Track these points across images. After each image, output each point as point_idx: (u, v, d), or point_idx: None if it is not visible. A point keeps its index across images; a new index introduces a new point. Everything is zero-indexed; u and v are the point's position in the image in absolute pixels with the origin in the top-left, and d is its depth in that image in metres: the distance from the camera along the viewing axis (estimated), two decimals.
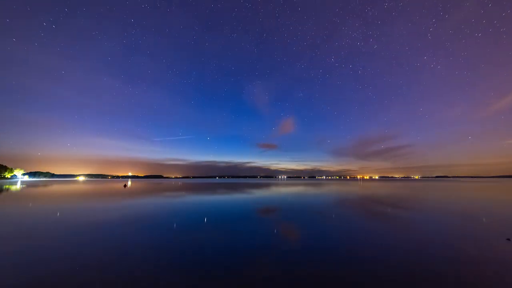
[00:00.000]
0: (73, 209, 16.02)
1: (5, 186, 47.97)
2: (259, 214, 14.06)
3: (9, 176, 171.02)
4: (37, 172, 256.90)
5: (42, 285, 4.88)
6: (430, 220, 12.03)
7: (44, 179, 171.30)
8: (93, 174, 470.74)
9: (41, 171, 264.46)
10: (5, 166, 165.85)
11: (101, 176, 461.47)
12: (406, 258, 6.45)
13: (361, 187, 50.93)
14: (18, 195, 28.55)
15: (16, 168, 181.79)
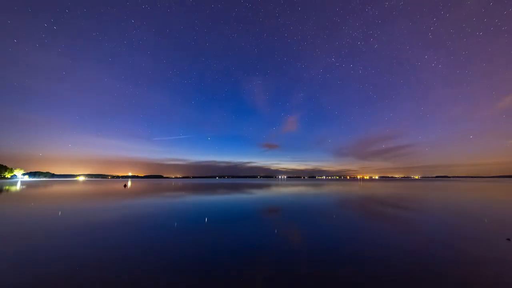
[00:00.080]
0: (73, 209, 16.03)
1: (6, 187, 47.98)
2: (258, 215, 14.07)
3: (9, 176, 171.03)
4: (37, 172, 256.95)
5: (43, 285, 4.88)
6: (430, 220, 12.03)
7: (44, 179, 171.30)
8: (93, 174, 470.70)
9: (41, 171, 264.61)
10: (5, 166, 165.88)
11: (101, 176, 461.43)
12: (406, 258, 6.45)
13: (361, 187, 50.96)
14: (18, 196, 28.55)
15: (16, 168, 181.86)
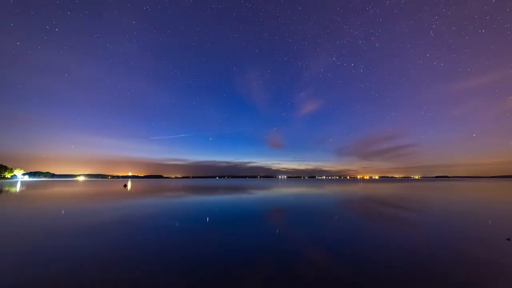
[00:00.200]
0: (73, 210, 16.03)
1: (6, 188, 48.02)
2: (257, 215, 14.07)
3: (9, 176, 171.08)
4: (37, 172, 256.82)
5: (43, 285, 4.88)
6: (430, 220, 12.03)
7: (44, 179, 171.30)
8: (93, 174, 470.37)
9: (41, 171, 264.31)
10: (5, 166, 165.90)
11: (101, 176, 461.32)
12: (406, 258, 6.45)
13: (361, 188, 50.97)
14: (18, 196, 28.56)
15: (16, 168, 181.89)
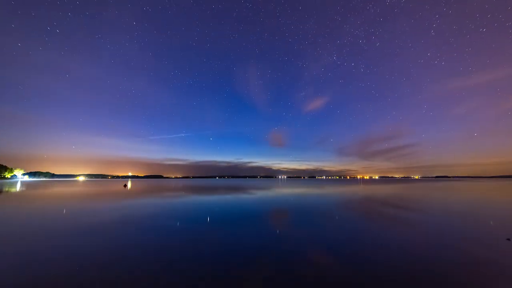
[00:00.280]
0: (73, 210, 16.03)
1: (5, 188, 48.03)
2: (257, 215, 14.07)
3: (9, 176, 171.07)
4: (37, 172, 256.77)
5: (43, 285, 4.88)
6: (430, 220, 12.03)
7: (44, 179, 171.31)
8: (93, 174, 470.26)
9: (41, 171, 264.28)
10: (5, 166, 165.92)
11: (101, 176, 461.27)
12: (406, 258, 6.45)
13: (361, 188, 50.96)
14: (18, 196, 28.56)
15: (16, 168, 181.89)
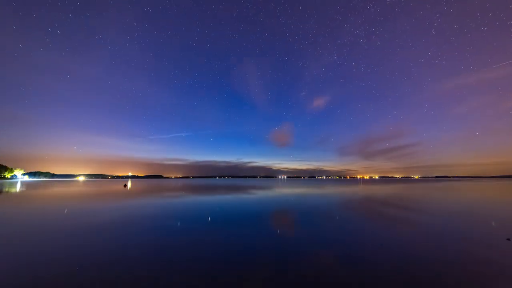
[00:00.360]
0: (73, 210, 16.03)
1: (5, 188, 48.02)
2: (257, 215, 14.07)
3: (9, 176, 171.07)
4: (37, 172, 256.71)
5: (43, 285, 4.88)
6: (430, 221, 12.03)
7: (44, 179, 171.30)
8: (93, 174, 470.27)
9: (41, 171, 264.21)
10: (5, 166, 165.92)
11: (101, 176, 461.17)
12: (406, 258, 6.44)
13: (361, 188, 50.93)
14: (18, 196, 28.56)
15: (16, 168, 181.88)
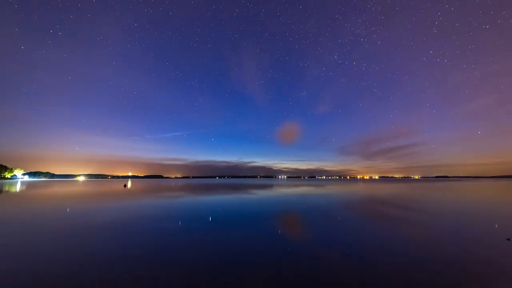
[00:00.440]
0: (73, 210, 16.02)
1: (5, 188, 48.01)
2: (257, 215, 14.07)
3: (9, 176, 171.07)
4: (37, 172, 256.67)
5: (43, 285, 4.88)
6: (430, 221, 12.02)
7: (44, 179, 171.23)
8: (93, 174, 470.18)
9: (41, 171, 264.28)
10: (5, 166, 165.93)
11: (101, 176, 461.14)
12: (406, 258, 6.44)
13: (360, 188, 50.89)
14: (18, 196, 28.56)
15: (16, 168, 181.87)
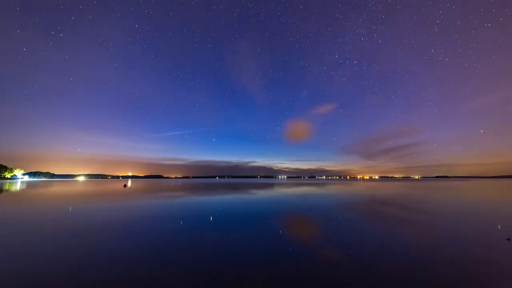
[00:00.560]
0: (73, 210, 16.02)
1: (5, 186, 47.90)
2: (257, 215, 14.06)
3: (9, 176, 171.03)
4: (37, 172, 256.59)
5: (43, 285, 4.88)
6: (430, 220, 12.02)
7: (44, 179, 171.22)
8: (93, 174, 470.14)
9: (41, 171, 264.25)
10: (5, 166, 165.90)
11: (101, 176, 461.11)
12: (406, 258, 6.43)
13: (360, 188, 50.84)
14: (18, 196, 28.54)
15: (16, 168, 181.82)
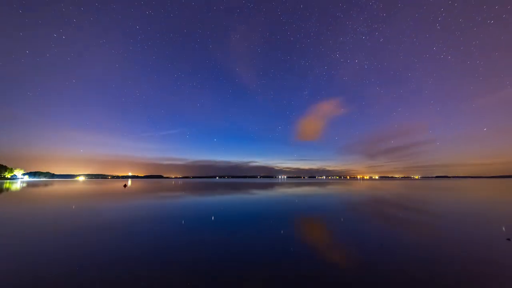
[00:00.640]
0: (73, 210, 16.02)
1: (5, 186, 47.89)
2: (257, 215, 14.06)
3: (9, 176, 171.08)
4: (37, 172, 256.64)
5: (43, 285, 4.88)
6: (430, 220, 12.02)
7: (44, 179, 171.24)
8: (93, 174, 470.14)
9: (41, 171, 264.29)
10: (5, 166, 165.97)
11: (101, 176, 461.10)
12: (406, 258, 6.43)
13: (359, 188, 50.80)
14: (18, 196, 28.54)
15: (16, 168, 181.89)
